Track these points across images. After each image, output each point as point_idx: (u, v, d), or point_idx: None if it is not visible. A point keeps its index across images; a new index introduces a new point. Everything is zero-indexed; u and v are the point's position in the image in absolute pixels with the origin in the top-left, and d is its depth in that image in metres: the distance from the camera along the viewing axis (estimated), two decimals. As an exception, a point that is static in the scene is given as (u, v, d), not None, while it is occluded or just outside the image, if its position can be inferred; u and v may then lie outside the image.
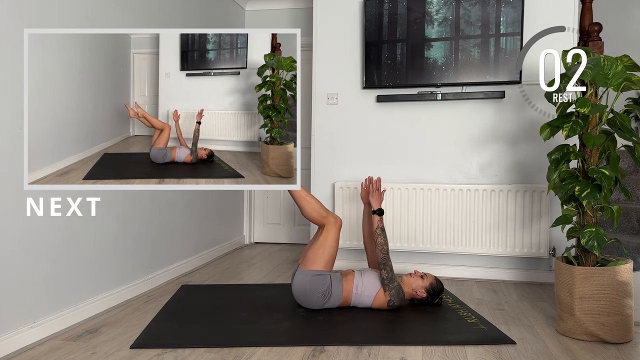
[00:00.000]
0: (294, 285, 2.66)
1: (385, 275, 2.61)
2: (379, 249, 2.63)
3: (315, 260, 2.62)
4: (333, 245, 2.64)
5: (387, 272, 2.61)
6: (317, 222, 2.71)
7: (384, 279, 2.61)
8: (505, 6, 3.33)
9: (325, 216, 2.68)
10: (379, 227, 2.68)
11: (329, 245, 2.63)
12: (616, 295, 2.27)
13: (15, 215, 2.16)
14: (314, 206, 2.71)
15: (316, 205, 2.72)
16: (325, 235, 2.64)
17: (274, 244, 4.87)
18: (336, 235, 2.66)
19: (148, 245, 3.16)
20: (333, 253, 2.65)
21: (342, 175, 3.77)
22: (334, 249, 2.65)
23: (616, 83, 2.25)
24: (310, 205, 2.70)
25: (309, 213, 2.71)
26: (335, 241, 2.65)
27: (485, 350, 2.21)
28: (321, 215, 2.69)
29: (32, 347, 2.20)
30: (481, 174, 3.55)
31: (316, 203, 2.73)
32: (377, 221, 2.70)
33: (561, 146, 2.44)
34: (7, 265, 2.13)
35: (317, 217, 2.70)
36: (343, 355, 2.14)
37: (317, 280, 2.60)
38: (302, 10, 4.66)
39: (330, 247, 2.63)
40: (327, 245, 2.63)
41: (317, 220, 2.70)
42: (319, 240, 2.65)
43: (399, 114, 3.66)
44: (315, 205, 2.71)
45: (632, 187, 3.32)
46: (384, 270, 2.61)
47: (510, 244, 3.42)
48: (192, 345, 2.21)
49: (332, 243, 2.64)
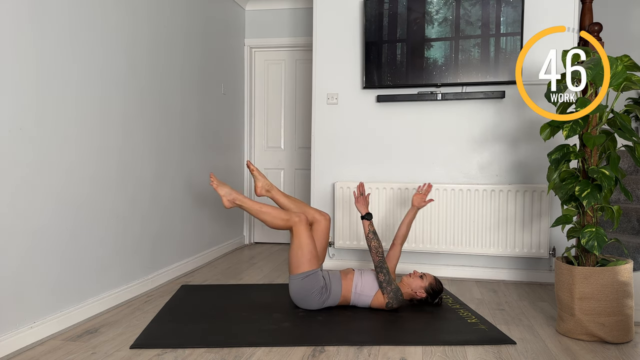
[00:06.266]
0: (291, 293, 2.67)
1: (383, 278, 2.61)
2: (373, 253, 2.63)
3: (299, 263, 2.61)
4: (308, 242, 2.62)
5: (384, 275, 2.61)
6: (285, 228, 2.68)
7: (382, 281, 2.61)
8: (505, 6, 3.33)
9: (288, 219, 2.65)
10: (371, 231, 2.68)
11: (304, 243, 2.61)
12: (616, 295, 2.27)
13: (16, 215, 2.16)
14: (274, 214, 2.68)
15: (275, 212, 2.69)
16: (296, 236, 2.63)
17: (274, 244, 4.87)
18: (306, 231, 2.63)
19: (148, 245, 3.16)
20: (312, 250, 2.62)
21: (342, 175, 3.76)
22: (311, 245, 2.62)
23: (616, 83, 2.25)
24: (269, 216, 2.67)
25: (272, 222, 2.67)
26: (309, 237, 2.63)
27: (485, 350, 2.20)
28: (284, 219, 2.66)
29: (32, 347, 2.20)
30: (481, 174, 3.55)
31: (274, 210, 2.70)
32: (368, 225, 2.70)
33: (561, 146, 2.44)
34: (7, 266, 2.13)
35: (281, 223, 2.67)
36: (343, 355, 2.14)
37: (309, 280, 2.60)
38: (302, 10, 4.66)
39: (307, 245, 2.61)
40: (303, 244, 2.61)
41: (283, 226, 2.68)
42: (294, 243, 2.64)
43: (399, 114, 3.66)
44: (275, 213, 2.68)
45: (632, 187, 3.32)
46: (381, 274, 2.61)
47: (510, 244, 3.42)
48: (192, 345, 2.21)
49: (306, 240, 2.62)
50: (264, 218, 2.67)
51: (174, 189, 3.48)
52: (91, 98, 2.63)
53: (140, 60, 3.06)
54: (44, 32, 2.31)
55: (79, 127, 2.54)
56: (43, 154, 2.31)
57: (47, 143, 2.33)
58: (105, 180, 2.74)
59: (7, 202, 2.12)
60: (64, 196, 2.44)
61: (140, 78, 3.06)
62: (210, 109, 4.06)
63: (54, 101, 2.37)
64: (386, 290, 2.61)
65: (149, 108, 3.16)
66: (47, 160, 2.33)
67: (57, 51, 2.38)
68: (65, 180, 2.45)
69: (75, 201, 2.51)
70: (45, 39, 2.32)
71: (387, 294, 2.61)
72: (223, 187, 2.74)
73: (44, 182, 2.31)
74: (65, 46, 2.44)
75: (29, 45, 2.23)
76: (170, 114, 3.42)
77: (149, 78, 3.16)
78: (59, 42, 2.40)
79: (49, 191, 2.35)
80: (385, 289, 2.61)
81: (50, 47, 2.34)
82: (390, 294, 2.60)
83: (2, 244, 2.10)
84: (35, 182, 2.26)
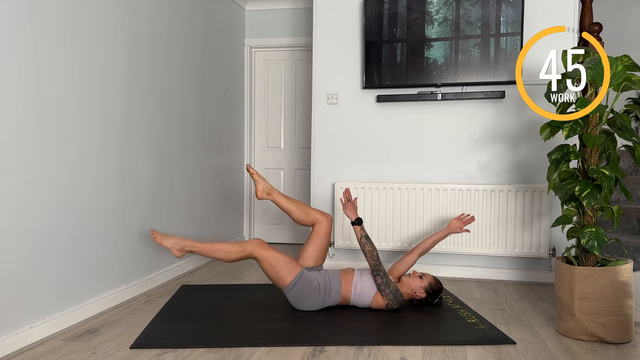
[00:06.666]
0: (291, 303, 2.67)
1: (380, 281, 2.61)
2: (368, 257, 2.62)
3: (280, 278, 2.58)
4: (276, 256, 2.56)
5: (382, 278, 2.60)
6: (243, 258, 2.60)
7: (379, 284, 2.61)
8: (505, 6, 3.33)
9: (243, 249, 2.56)
10: (363, 236, 2.67)
11: (273, 260, 2.55)
12: (616, 295, 2.27)
13: (16, 215, 2.16)
14: (226, 250, 2.57)
15: (227, 247, 2.58)
16: (261, 260, 2.56)
17: (274, 244, 4.87)
18: (267, 249, 2.56)
19: (148, 245, 3.16)
20: (284, 260, 2.57)
21: (342, 175, 3.76)
22: (279, 256, 2.56)
23: (616, 83, 2.25)
24: (223, 252, 2.57)
25: (229, 257, 2.57)
26: (272, 253, 2.56)
27: (485, 350, 2.20)
28: (239, 251, 2.56)
29: (32, 347, 2.20)
30: (481, 174, 3.55)
31: (226, 245, 2.60)
32: (359, 230, 2.69)
33: (561, 146, 2.44)
34: (8, 266, 2.13)
35: (238, 255, 2.57)
36: (343, 355, 2.14)
37: (299, 286, 2.58)
38: (302, 10, 4.66)
39: (276, 260, 2.56)
40: (273, 262, 2.55)
41: (241, 258, 2.59)
42: (265, 266, 2.57)
43: (399, 114, 3.66)
44: (227, 248, 2.58)
45: (632, 187, 3.32)
46: (378, 277, 2.61)
47: (510, 244, 3.42)
48: (192, 345, 2.21)
49: (273, 256, 2.56)
50: (219, 256, 2.58)
51: (173, 189, 3.48)
52: (91, 98, 2.63)
53: (140, 60, 3.06)
54: (44, 32, 2.31)
55: (79, 127, 2.54)
56: (43, 154, 2.31)
57: (47, 143, 2.33)
58: (105, 180, 2.74)
59: (7, 202, 2.12)
60: (64, 196, 2.44)
61: (140, 78, 3.06)
62: (210, 109, 4.06)
63: (54, 101, 2.37)
64: (385, 292, 2.60)
65: (149, 108, 3.16)
66: (47, 161, 2.33)
67: (57, 51, 2.38)
68: (65, 180, 2.45)
69: (75, 201, 2.51)
70: (45, 39, 2.32)
71: (385, 296, 2.61)
72: (167, 239, 2.59)
73: (44, 182, 2.31)
74: (65, 46, 2.44)
75: (29, 45, 2.23)
76: (170, 114, 3.42)
77: (149, 78, 3.16)
78: (59, 42, 2.40)
79: (49, 191, 2.35)
80: (383, 292, 2.61)
81: (50, 47, 2.34)
82: (389, 296, 2.60)
83: (2, 244, 2.10)
84: (35, 182, 2.26)
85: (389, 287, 2.61)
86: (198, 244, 2.60)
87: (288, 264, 2.58)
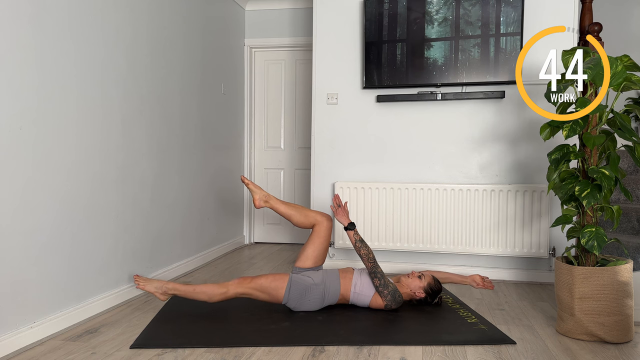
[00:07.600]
0: (292, 309, 2.67)
1: (378, 283, 2.61)
2: (365, 260, 2.62)
3: (274, 296, 2.60)
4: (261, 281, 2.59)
5: (379, 279, 2.60)
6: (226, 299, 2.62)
7: (378, 286, 2.61)
8: (505, 6, 3.33)
9: (225, 291, 2.57)
10: (358, 240, 2.67)
11: (264, 285, 2.59)
12: (616, 295, 2.27)
13: (16, 215, 2.16)
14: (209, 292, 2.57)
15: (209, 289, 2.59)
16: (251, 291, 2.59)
17: (274, 244, 4.87)
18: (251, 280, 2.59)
19: (148, 245, 3.16)
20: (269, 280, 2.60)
21: (342, 175, 3.77)
22: (265, 279, 2.60)
23: (616, 83, 2.25)
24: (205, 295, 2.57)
25: (212, 299, 2.58)
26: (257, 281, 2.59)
27: (485, 350, 2.20)
28: (221, 293, 2.57)
29: (32, 347, 2.20)
30: (481, 174, 3.55)
31: (208, 287, 2.59)
32: (353, 235, 2.69)
33: (561, 146, 2.44)
34: (8, 266, 2.13)
35: (221, 297, 2.59)
36: (343, 355, 2.14)
37: (293, 292, 2.59)
38: (302, 10, 4.66)
39: (264, 282, 2.59)
40: (263, 287, 2.59)
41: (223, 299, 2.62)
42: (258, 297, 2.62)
43: (399, 114, 3.66)
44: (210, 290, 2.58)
45: (632, 187, 3.32)
46: (376, 279, 2.61)
47: (510, 244, 3.42)
48: (192, 345, 2.21)
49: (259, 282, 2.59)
50: (201, 298, 2.59)
51: (173, 188, 3.48)
52: (91, 98, 2.63)
53: (140, 60, 3.06)
54: (44, 32, 2.31)
55: (79, 127, 2.54)
56: (43, 154, 2.31)
57: (47, 143, 2.33)
58: (106, 180, 2.74)
59: (7, 201, 2.12)
60: (64, 196, 2.44)
61: (140, 78, 3.06)
62: (210, 109, 4.06)
63: (54, 101, 2.37)
64: (383, 294, 2.60)
65: (149, 108, 3.16)
66: (47, 160, 2.33)
67: (57, 51, 2.38)
68: (66, 180, 2.45)
69: (76, 201, 2.51)
70: (45, 39, 2.32)
71: (384, 297, 2.61)
72: (150, 283, 2.63)
73: (44, 181, 2.31)
74: (66, 46, 2.44)
75: (29, 45, 2.23)
76: (170, 114, 3.42)
77: (149, 78, 3.16)
78: (59, 41, 2.40)
79: (49, 191, 2.35)
80: (382, 293, 2.61)
81: (50, 47, 2.34)
82: (388, 297, 2.60)
83: (2, 243, 2.10)
84: (35, 181, 2.26)
85: (387, 289, 2.61)
86: (181, 286, 2.62)
87: (273, 280, 2.61)
